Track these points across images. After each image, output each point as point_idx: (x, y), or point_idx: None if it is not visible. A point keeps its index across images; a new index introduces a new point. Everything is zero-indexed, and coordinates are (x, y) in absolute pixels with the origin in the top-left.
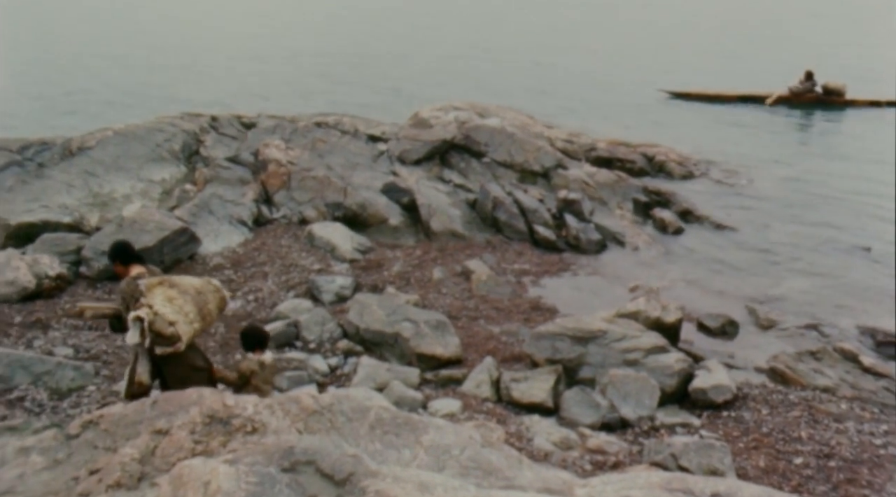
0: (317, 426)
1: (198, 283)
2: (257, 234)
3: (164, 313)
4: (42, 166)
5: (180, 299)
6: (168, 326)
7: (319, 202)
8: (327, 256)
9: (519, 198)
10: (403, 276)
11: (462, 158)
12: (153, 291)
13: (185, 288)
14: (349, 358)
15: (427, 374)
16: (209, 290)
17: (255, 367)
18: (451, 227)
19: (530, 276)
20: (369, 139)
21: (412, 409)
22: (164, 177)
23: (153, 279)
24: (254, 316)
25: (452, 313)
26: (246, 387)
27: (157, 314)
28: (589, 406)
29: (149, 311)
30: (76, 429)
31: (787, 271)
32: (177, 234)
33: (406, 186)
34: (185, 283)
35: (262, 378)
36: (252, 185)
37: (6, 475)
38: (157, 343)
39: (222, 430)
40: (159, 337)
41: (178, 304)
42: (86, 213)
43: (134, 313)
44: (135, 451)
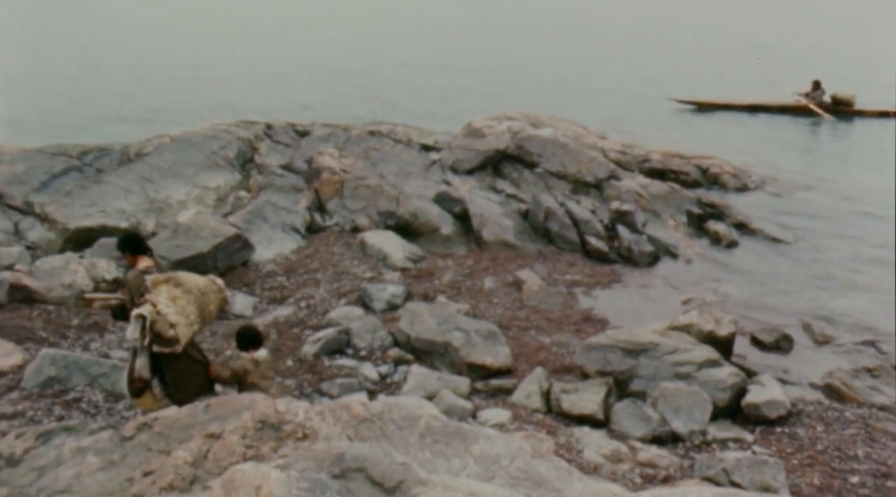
0: (367, 433)
1: (202, 282)
2: (310, 241)
3: (166, 314)
4: (100, 172)
5: (183, 299)
6: (169, 328)
7: (372, 210)
8: (379, 265)
9: (571, 209)
10: (455, 286)
11: (515, 168)
12: (158, 288)
13: (189, 287)
14: (399, 366)
15: (477, 384)
16: (212, 291)
17: (248, 365)
18: (502, 237)
19: (582, 287)
20: (422, 148)
21: (462, 418)
22: (219, 183)
23: (160, 276)
24: (305, 323)
25: (503, 323)
26: (243, 384)
27: (160, 314)
28: (640, 419)
29: (151, 309)
30: (131, 431)
31: (843, 287)
32: (231, 241)
33: (458, 196)
34: (189, 282)
35: (259, 374)
36: (305, 193)
37: (63, 474)
38: (156, 342)
39: (273, 436)
40: (159, 337)
41: (181, 304)
42: (142, 218)
43: (137, 311)
44: (187, 455)
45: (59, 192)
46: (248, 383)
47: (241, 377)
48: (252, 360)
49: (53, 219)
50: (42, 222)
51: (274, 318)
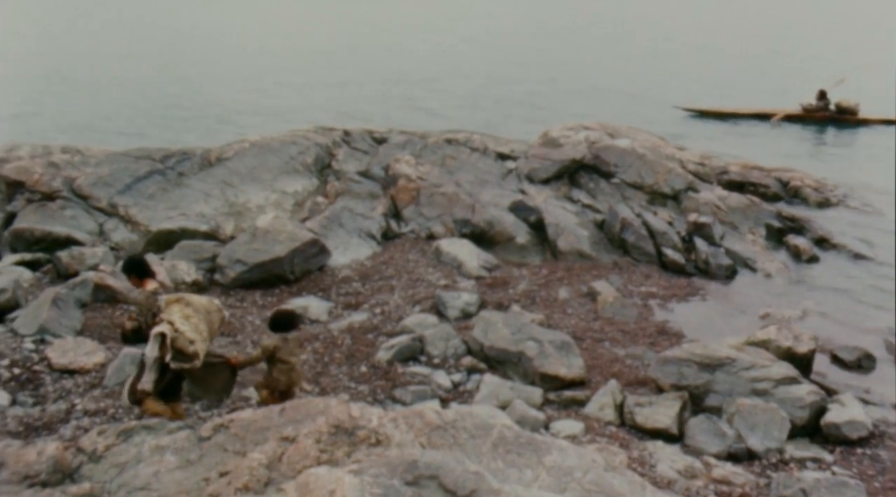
0: (440, 441)
1: (206, 302)
2: (385, 247)
3: (184, 331)
4: (182, 175)
5: (195, 317)
6: (189, 345)
7: (447, 218)
8: (454, 272)
9: (648, 220)
10: (529, 295)
11: (591, 178)
12: (171, 308)
13: (197, 307)
14: (472, 375)
15: (550, 395)
16: (214, 310)
17: (277, 342)
18: (578, 247)
19: (657, 299)
20: (498, 157)
21: (534, 429)
22: (297, 189)
23: (171, 296)
24: (380, 329)
25: (577, 334)
26: (273, 360)
27: (179, 331)
28: (715, 435)
29: (170, 327)
30: (208, 431)
31: None
32: (308, 246)
33: (534, 205)
34: (196, 303)
35: (288, 351)
36: (382, 200)
37: (142, 472)
38: (177, 359)
39: (347, 441)
40: (180, 353)
41: (194, 322)
42: (221, 222)
43: (157, 329)
44: (263, 457)
45: (143, 194)
46: (277, 359)
47: (271, 352)
48: (281, 337)
49: (136, 221)
50: (125, 224)
51: (349, 323)
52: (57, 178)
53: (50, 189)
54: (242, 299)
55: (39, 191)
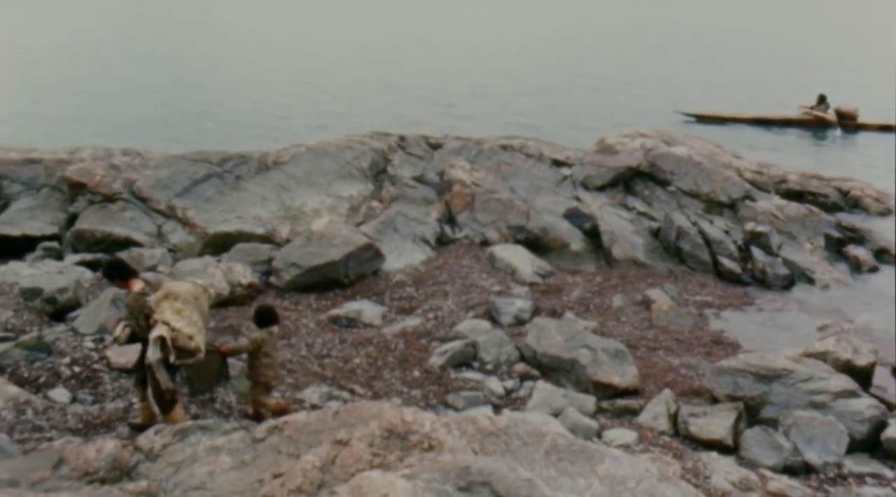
0: (492, 448)
1: (191, 288)
2: (439, 253)
3: (180, 328)
4: (239, 179)
5: (187, 310)
6: (189, 341)
7: (502, 224)
8: (507, 279)
9: (704, 228)
10: (583, 302)
11: (646, 186)
12: (161, 306)
13: (185, 297)
14: (525, 381)
15: (603, 403)
16: (201, 293)
17: (265, 336)
18: (632, 254)
19: (713, 308)
20: (553, 163)
21: (586, 437)
22: (352, 193)
23: (158, 293)
24: (433, 334)
25: (631, 342)
26: (258, 352)
27: (176, 330)
28: (771, 447)
29: (167, 328)
30: (262, 433)
31: None
32: (362, 250)
33: (589, 212)
34: (183, 292)
35: (272, 345)
36: (436, 205)
37: (198, 471)
38: (180, 357)
39: (400, 445)
40: (183, 351)
41: (187, 315)
42: (277, 225)
43: (155, 334)
44: (316, 459)
45: (200, 197)
46: (262, 352)
47: (259, 345)
48: (268, 332)
49: (194, 223)
50: (183, 226)
51: (402, 328)
52: (117, 180)
53: (110, 191)
54: (297, 302)
55: (100, 192)
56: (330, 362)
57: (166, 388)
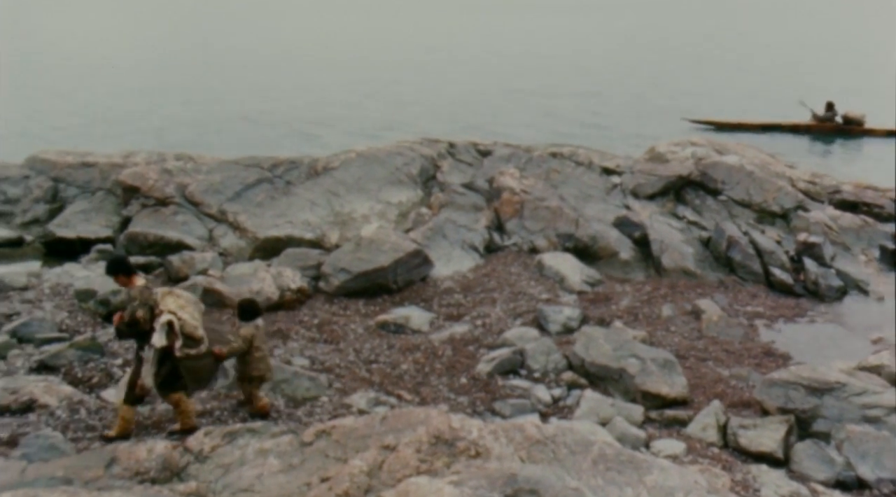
0: (539, 456)
1: (187, 294)
2: (488, 260)
3: (186, 319)
4: (290, 184)
5: (189, 307)
6: (196, 330)
7: (551, 232)
8: (556, 286)
9: (755, 238)
10: (631, 311)
11: (697, 195)
12: (166, 300)
13: (187, 298)
14: (573, 390)
15: (651, 413)
16: (194, 302)
17: (253, 330)
18: (682, 264)
19: (763, 319)
20: (603, 172)
21: (634, 447)
22: (402, 199)
23: (164, 289)
24: (481, 341)
25: (680, 352)
26: (251, 348)
27: (183, 320)
28: (822, 461)
29: (174, 316)
30: (310, 437)
31: None
32: (411, 256)
33: (638, 221)
34: (185, 294)
35: (261, 338)
36: (485, 212)
37: (246, 473)
38: (187, 345)
39: (447, 452)
40: (190, 338)
41: (189, 311)
42: (327, 230)
43: (163, 319)
44: (363, 464)
45: (251, 202)
46: (254, 347)
47: (251, 341)
48: (255, 325)
49: (244, 228)
50: (234, 230)
51: (450, 334)
52: (170, 185)
53: (163, 195)
54: (346, 307)
55: (153, 196)
56: (378, 368)
57: (141, 383)
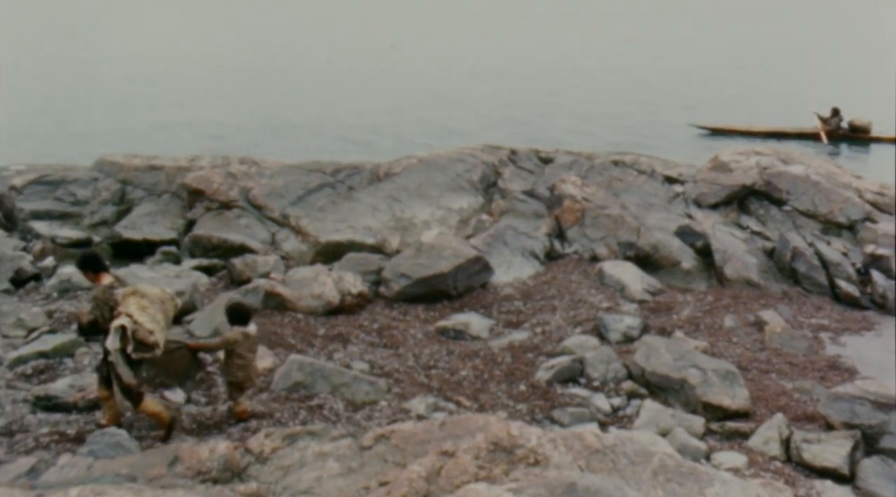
0: (599, 465)
1: (159, 292)
2: (548, 267)
3: (143, 322)
4: (351, 189)
5: (152, 308)
6: (149, 335)
7: (612, 240)
8: (616, 295)
9: (821, 249)
10: (693, 322)
11: (761, 205)
12: (127, 300)
13: (152, 298)
14: (632, 400)
15: (712, 425)
16: (167, 299)
17: (238, 336)
18: (745, 274)
19: (829, 332)
20: (665, 180)
21: (695, 458)
22: (462, 206)
23: (127, 289)
24: (540, 349)
25: (742, 364)
26: (231, 354)
27: (138, 323)
28: (891, 479)
29: (129, 320)
30: (369, 441)
31: None
32: (471, 263)
33: (701, 230)
34: (151, 294)
35: (247, 347)
36: (546, 220)
37: (306, 476)
38: (138, 349)
39: (505, 459)
40: (142, 344)
41: (151, 313)
42: (388, 235)
43: (116, 322)
44: (422, 469)
45: (313, 206)
46: (235, 354)
47: (231, 346)
48: (243, 333)
49: (306, 232)
50: (296, 234)
51: (509, 341)
52: (234, 188)
53: (227, 198)
54: (405, 313)
55: (217, 199)
56: (437, 373)
57: (129, 382)
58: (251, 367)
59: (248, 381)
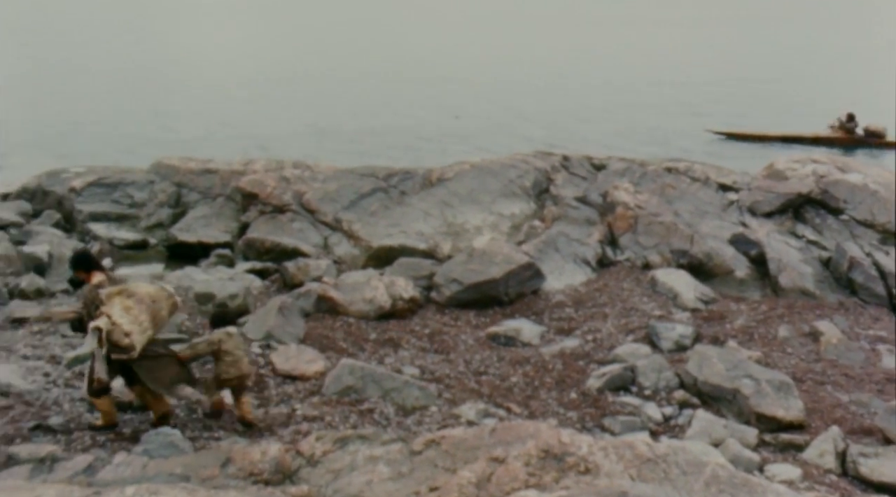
0: (650, 475)
1: (153, 290)
2: (600, 274)
3: (120, 324)
4: (404, 194)
5: (136, 309)
6: (124, 337)
7: (664, 248)
8: (669, 303)
9: (879, 260)
10: (746, 331)
11: (817, 214)
12: (112, 300)
13: (141, 297)
14: (684, 409)
15: (765, 436)
16: (163, 298)
17: (221, 336)
18: (800, 284)
19: (887, 344)
20: (719, 188)
21: (747, 470)
22: (514, 212)
23: (113, 289)
24: (591, 356)
25: (797, 375)
26: (219, 353)
27: (115, 324)
28: None
29: (107, 321)
30: (420, 446)
31: None
32: (523, 269)
33: (755, 238)
34: (141, 292)
35: (232, 344)
36: (598, 227)
37: (356, 480)
38: (113, 351)
39: (556, 466)
40: (115, 346)
41: (134, 313)
42: (440, 241)
43: (93, 323)
44: (472, 476)
45: (366, 211)
46: (222, 351)
47: (216, 346)
48: (226, 332)
49: (358, 236)
50: (348, 239)
51: (560, 348)
52: (287, 192)
53: (281, 202)
54: (457, 318)
55: (271, 203)
56: (487, 379)
57: (97, 377)
58: (243, 362)
59: (245, 377)
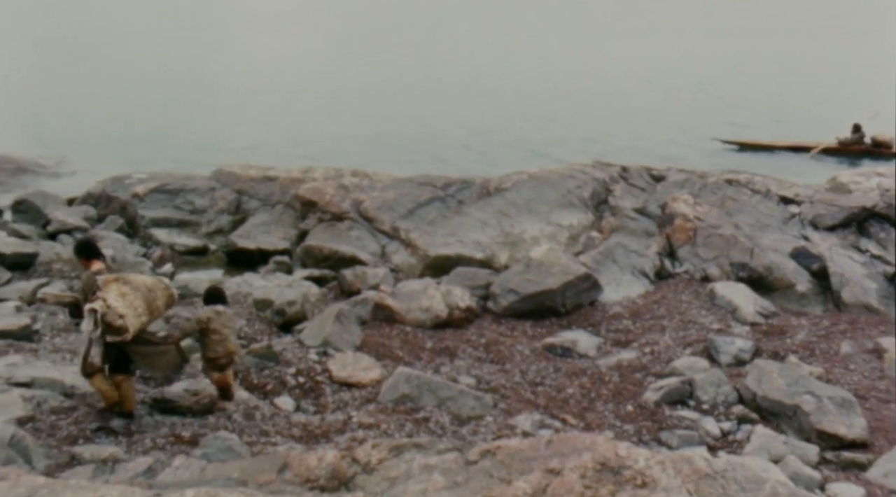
0: (708, 490)
1: (150, 281)
2: (658, 286)
3: (115, 307)
4: (461, 203)
5: (131, 295)
6: (118, 318)
7: (724, 261)
8: (728, 317)
9: None
10: (807, 346)
11: (882, 228)
12: (108, 286)
13: (136, 285)
14: (742, 424)
15: (827, 454)
16: (159, 289)
17: (210, 313)
18: (864, 299)
19: None
20: (781, 200)
21: (808, 488)
22: (572, 222)
23: (110, 276)
24: (648, 369)
25: (860, 392)
26: (206, 331)
27: (110, 307)
28: None
29: (102, 303)
30: (475, 456)
31: None
32: (580, 280)
33: (817, 252)
34: (137, 281)
35: (220, 322)
36: (657, 238)
37: (411, 488)
38: (108, 332)
39: (612, 479)
40: (110, 327)
41: (129, 299)
42: (497, 250)
43: (89, 305)
44: (527, 486)
45: (423, 220)
46: (210, 330)
47: (204, 324)
48: (214, 310)
49: (416, 245)
50: (405, 247)
51: (617, 360)
52: (346, 200)
53: (339, 210)
54: (513, 328)
55: (330, 211)
56: (543, 390)
57: (91, 361)
58: (228, 342)
59: (233, 353)
